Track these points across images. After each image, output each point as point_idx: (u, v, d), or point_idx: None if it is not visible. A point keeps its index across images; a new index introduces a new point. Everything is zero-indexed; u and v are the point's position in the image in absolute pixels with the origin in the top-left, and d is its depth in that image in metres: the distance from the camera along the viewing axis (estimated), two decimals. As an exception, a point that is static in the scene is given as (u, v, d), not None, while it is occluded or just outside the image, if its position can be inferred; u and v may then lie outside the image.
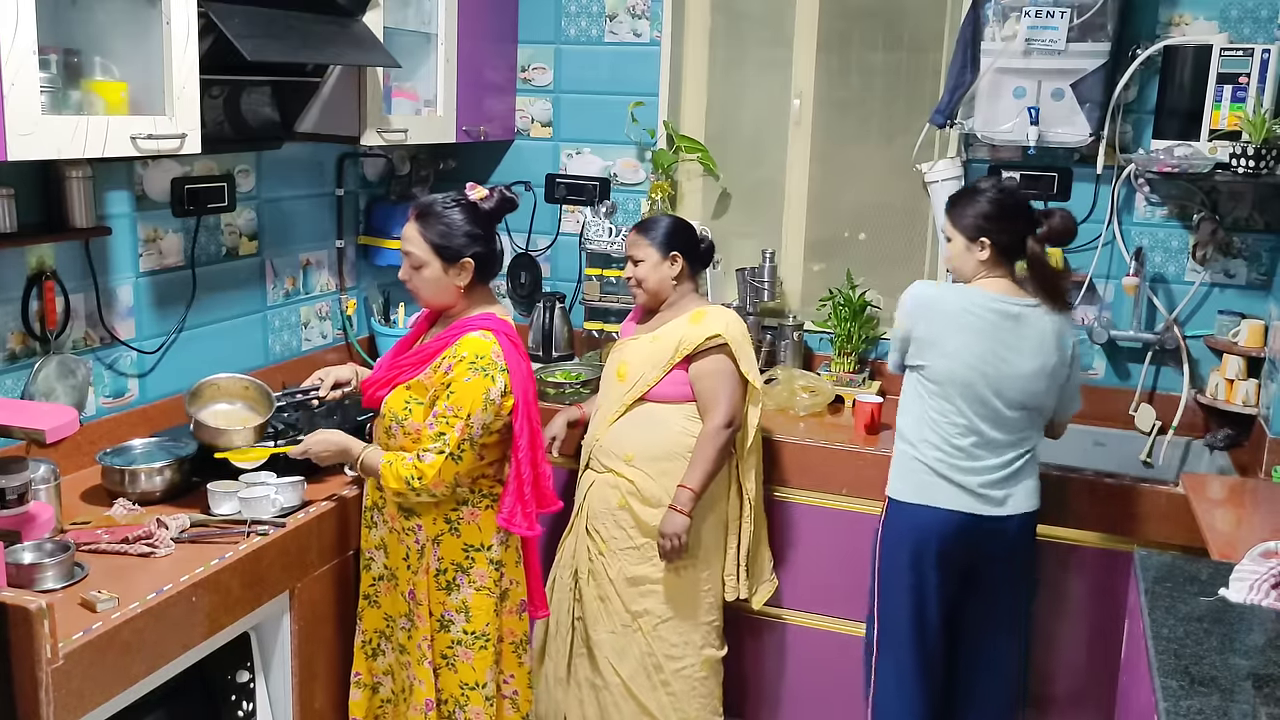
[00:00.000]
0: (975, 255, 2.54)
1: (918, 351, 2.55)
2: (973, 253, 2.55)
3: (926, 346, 2.53)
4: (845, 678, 3.11)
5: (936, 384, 2.53)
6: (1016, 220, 2.53)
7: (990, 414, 2.49)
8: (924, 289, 2.61)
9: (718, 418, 2.70)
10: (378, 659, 2.50)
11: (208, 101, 2.59)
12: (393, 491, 2.30)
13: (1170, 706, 1.61)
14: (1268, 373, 2.98)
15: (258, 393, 2.60)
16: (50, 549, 2.06)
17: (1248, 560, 2.01)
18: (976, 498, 2.51)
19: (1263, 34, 3.01)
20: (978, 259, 2.54)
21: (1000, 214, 2.53)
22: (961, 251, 2.57)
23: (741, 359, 2.74)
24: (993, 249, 2.52)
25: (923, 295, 2.59)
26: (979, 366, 2.48)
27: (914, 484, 2.56)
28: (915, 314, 2.56)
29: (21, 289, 2.42)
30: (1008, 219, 2.53)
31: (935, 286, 2.65)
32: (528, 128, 3.78)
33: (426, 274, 2.34)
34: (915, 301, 2.58)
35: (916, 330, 2.55)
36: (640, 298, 2.84)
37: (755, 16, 3.63)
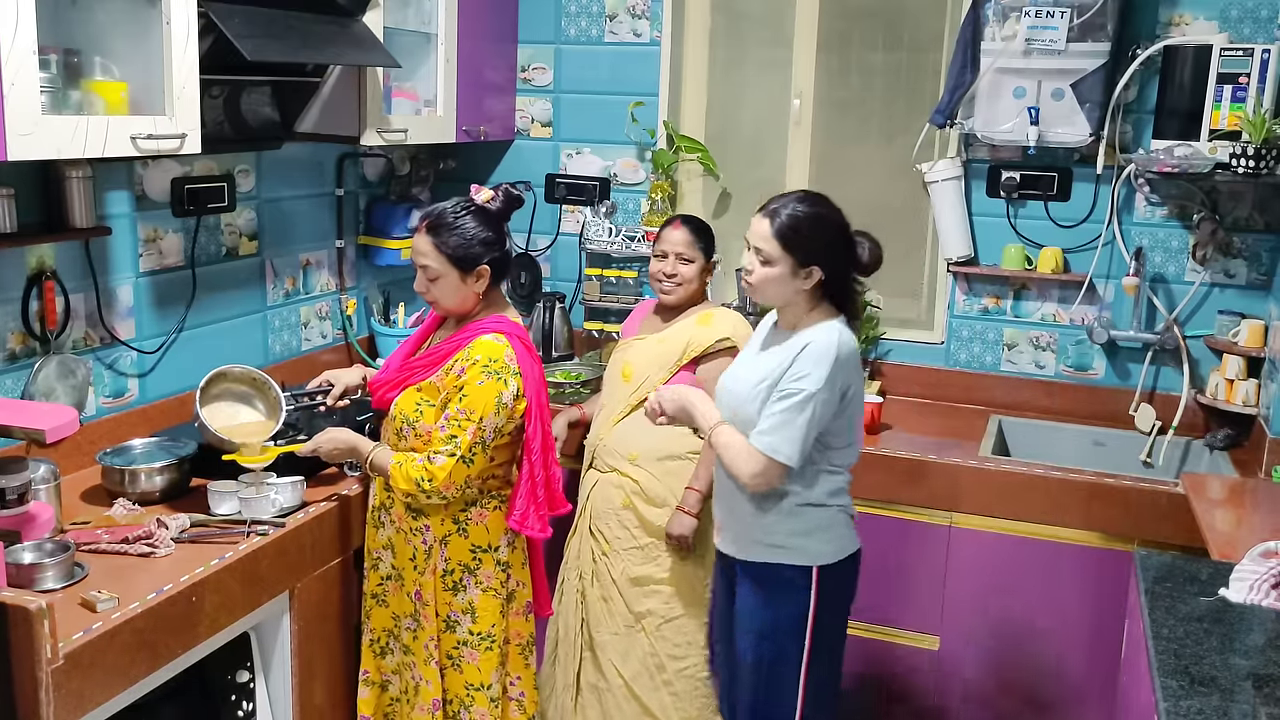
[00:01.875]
0: (799, 283, 2.20)
1: (844, 407, 2.22)
2: (797, 279, 2.20)
3: (855, 398, 2.26)
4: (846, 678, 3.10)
5: (846, 434, 2.27)
6: (848, 246, 2.24)
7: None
8: (849, 336, 2.24)
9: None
10: (386, 657, 2.51)
11: (208, 101, 2.59)
12: (402, 492, 2.30)
13: (1170, 706, 1.61)
14: (1268, 373, 2.98)
15: (268, 389, 2.60)
16: (50, 549, 2.06)
17: (1248, 560, 2.01)
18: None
19: (1263, 34, 3.02)
20: (798, 287, 2.21)
21: (840, 240, 2.23)
22: (784, 276, 2.20)
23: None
24: (821, 279, 2.20)
25: (851, 342, 2.24)
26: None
27: (839, 537, 2.30)
28: (849, 364, 2.22)
29: (21, 289, 2.42)
30: (843, 246, 2.23)
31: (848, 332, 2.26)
32: (528, 128, 3.78)
33: (445, 285, 2.33)
34: (849, 350, 2.22)
35: (854, 384, 2.23)
36: (672, 296, 2.82)
37: (755, 16, 3.63)
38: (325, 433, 2.43)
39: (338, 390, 2.56)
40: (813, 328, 2.22)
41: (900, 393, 3.50)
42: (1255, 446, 2.98)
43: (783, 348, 2.23)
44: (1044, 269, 3.29)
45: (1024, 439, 3.30)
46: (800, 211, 2.19)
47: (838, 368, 2.16)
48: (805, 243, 2.18)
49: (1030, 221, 3.34)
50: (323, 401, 2.56)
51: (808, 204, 2.21)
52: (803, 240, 2.17)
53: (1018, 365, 3.42)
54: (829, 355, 2.16)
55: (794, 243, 2.17)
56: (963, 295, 3.45)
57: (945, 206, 3.34)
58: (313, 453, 2.42)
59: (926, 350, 3.50)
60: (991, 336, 3.43)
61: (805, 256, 2.18)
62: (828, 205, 2.24)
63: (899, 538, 2.98)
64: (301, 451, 2.42)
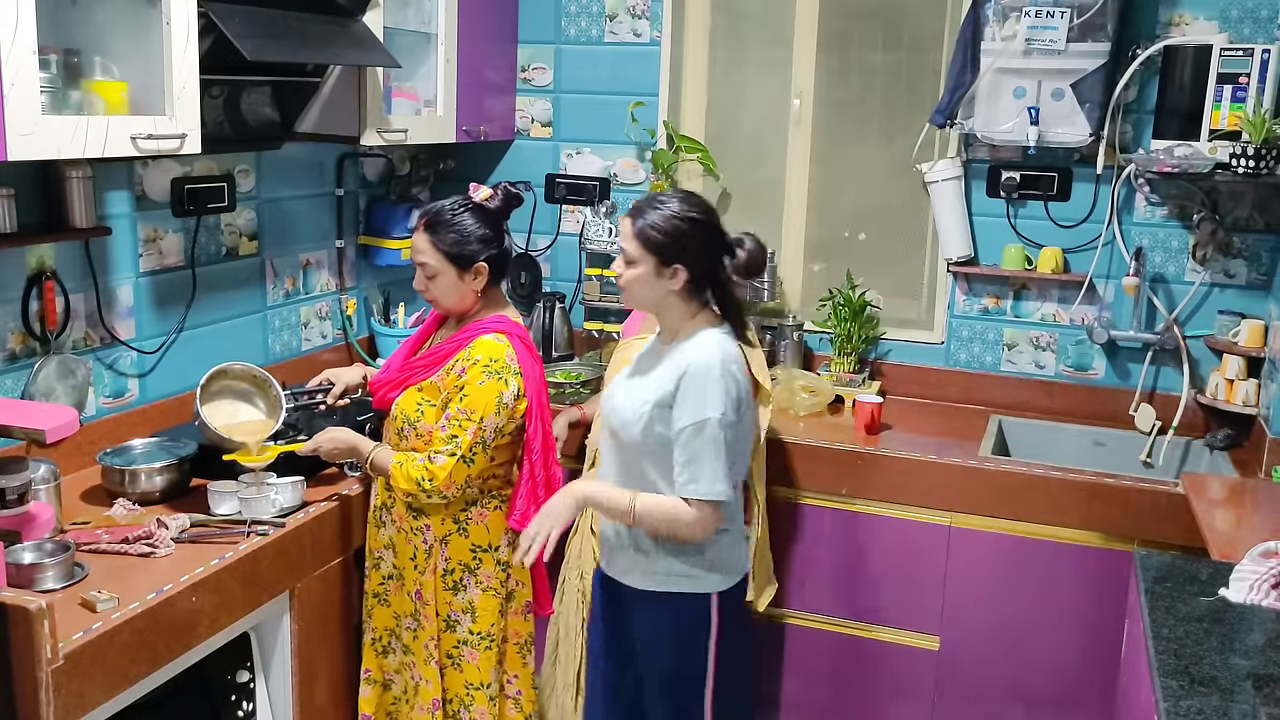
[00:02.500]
0: (665, 284, 2.14)
1: (741, 416, 2.15)
2: (663, 279, 2.13)
3: (748, 410, 2.19)
4: (845, 678, 3.11)
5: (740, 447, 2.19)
6: (717, 246, 2.17)
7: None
8: (728, 345, 2.15)
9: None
10: (388, 656, 2.51)
11: (208, 101, 2.59)
12: (403, 492, 2.31)
13: (1170, 707, 1.61)
14: (1268, 373, 2.98)
15: (268, 386, 2.59)
16: (50, 549, 2.06)
17: (1248, 560, 2.01)
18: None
19: (1263, 34, 3.02)
20: (665, 288, 2.15)
21: (707, 238, 2.15)
22: (648, 277, 2.14)
23: (752, 360, 2.74)
24: (687, 279, 2.14)
25: (731, 351, 2.15)
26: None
27: (736, 559, 2.25)
28: (736, 374, 2.13)
29: (21, 289, 2.42)
30: (711, 243, 2.16)
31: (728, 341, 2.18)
32: (528, 128, 3.78)
33: (443, 282, 2.34)
34: (732, 360, 2.14)
35: (744, 396, 2.15)
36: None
37: (755, 16, 3.63)
38: (325, 432, 2.43)
39: (338, 389, 2.57)
40: (691, 339, 2.15)
41: (900, 393, 3.50)
42: (1255, 446, 2.98)
43: (664, 365, 2.16)
44: (1044, 269, 3.29)
45: (1024, 439, 3.30)
46: (662, 210, 2.12)
47: (729, 382, 2.09)
48: (667, 241, 2.10)
49: (1030, 221, 3.34)
50: (323, 400, 2.56)
51: (672, 203, 2.14)
52: (664, 239, 2.10)
53: (1018, 365, 3.42)
54: (713, 373, 2.08)
55: (655, 242, 2.11)
56: (963, 295, 3.45)
57: (945, 206, 3.34)
58: (313, 452, 2.42)
59: (926, 350, 3.51)
60: (991, 336, 3.43)
61: (668, 255, 2.11)
62: (694, 202, 2.16)
63: (899, 538, 2.98)
64: (302, 451, 2.42)
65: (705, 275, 2.15)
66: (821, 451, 3.02)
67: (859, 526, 3.02)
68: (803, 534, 3.07)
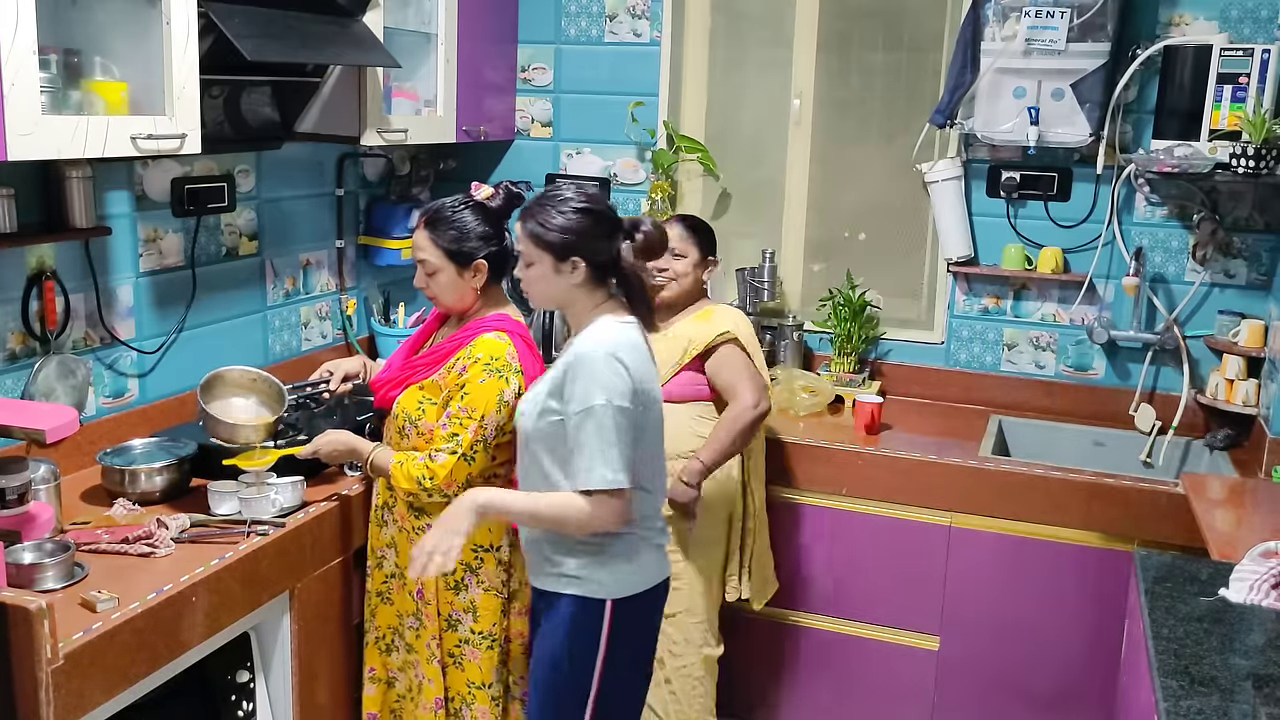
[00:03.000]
0: (566, 279, 2.10)
1: (643, 410, 2.07)
2: (563, 275, 2.09)
3: (652, 401, 2.11)
4: (845, 678, 3.11)
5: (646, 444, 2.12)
6: (612, 232, 2.12)
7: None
8: (624, 331, 2.09)
9: (745, 398, 2.68)
10: (391, 655, 2.51)
11: (208, 101, 2.59)
12: (404, 491, 2.31)
13: (1170, 707, 1.61)
14: (1268, 373, 2.98)
15: (267, 386, 2.59)
16: (50, 549, 2.06)
17: (1248, 560, 2.01)
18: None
19: (1263, 34, 3.01)
20: (569, 283, 2.10)
21: (596, 226, 2.10)
22: (548, 274, 2.11)
23: (753, 355, 2.76)
24: (588, 270, 2.10)
25: (626, 336, 2.08)
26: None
27: (641, 568, 2.13)
28: (632, 360, 2.05)
29: (21, 289, 2.42)
30: (604, 232, 2.11)
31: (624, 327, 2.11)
32: (528, 128, 3.78)
33: (442, 279, 2.34)
34: (627, 345, 2.06)
35: (648, 383, 2.09)
36: (669, 291, 2.82)
37: (755, 16, 3.63)
38: (324, 435, 2.43)
39: (338, 375, 2.57)
40: (588, 328, 2.11)
41: (900, 393, 3.50)
42: (1255, 446, 2.98)
43: (563, 356, 2.12)
44: (1044, 269, 3.29)
45: (1024, 439, 3.30)
46: (550, 206, 2.10)
47: (617, 368, 2.01)
48: (559, 236, 2.07)
49: (1030, 221, 3.34)
50: (326, 389, 2.56)
51: (559, 198, 2.11)
52: (555, 234, 2.07)
53: (1018, 365, 3.42)
54: (597, 359, 2.01)
55: (546, 239, 2.08)
56: (963, 295, 3.45)
57: (945, 206, 3.34)
58: (312, 455, 2.42)
59: (926, 350, 3.51)
60: (991, 336, 3.43)
61: (562, 250, 2.07)
62: (582, 194, 2.13)
63: (899, 538, 2.98)
64: (301, 454, 2.42)
65: (605, 264, 2.11)
66: (821, 451, 3.02)
67: (859, 526, 3.02)
68: (803, 534, 3.07)
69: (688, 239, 2.80)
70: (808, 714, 3.17)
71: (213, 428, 2.43)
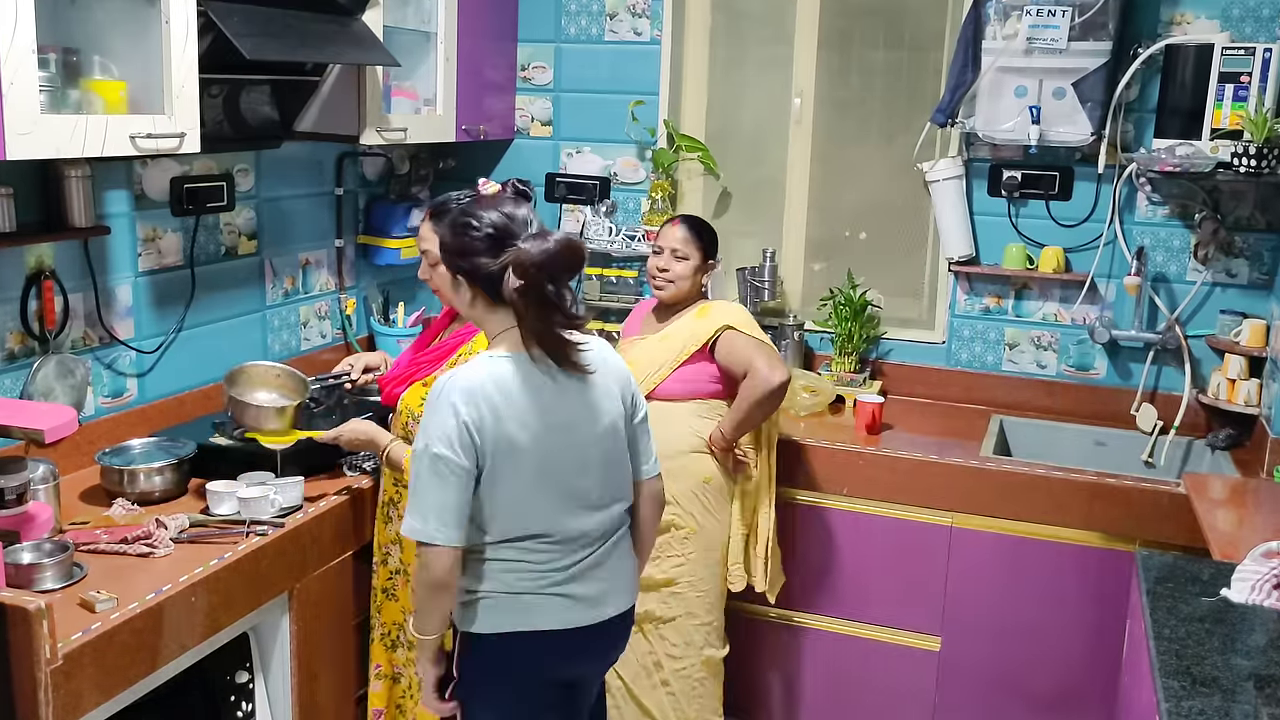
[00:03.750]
0: (459, 295, 1.98)
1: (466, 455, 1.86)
2: (459, 291, 1.97)
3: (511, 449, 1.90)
4: (846, 678, 3.11)
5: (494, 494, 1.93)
6: (492, 248, 1.89)
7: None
8: (482, 366, 1.90)
9: (760, 369, 2.63)
10: (397, 651, 2.52)
11: (207, 100, 2.58)
12: None
13: (1172, 707, 1.60)
14: (1269, 372, 2.97)
15: (290, 380, 2.60)
16: (49, 549, 2.05)
17: (1249, 560, 2.01)
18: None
19: (1264, 33, 3.01)
20: (463, 297, 1.97)
21: (472, 241, 1.91)
22: (446, 287, 2.04)
23: (757, 338, 2.75)
24: (475, 289, 1.94)
25: (481, 370, 1.89)
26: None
27: (497, 611, 1.96)
28: (468, 395, 1.86)
29: (20, 288, 2.41)
30: (478, 247, 1.90)
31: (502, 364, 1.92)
32: (528, 127, 3.77)
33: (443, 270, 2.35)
34: (474, 380, 1.87)
35: (485, 419, 1.86)
36: (665, 292, 2.82)
37: (756, 15, 3.62)
38: (348, 423, 2.44)
39: (358, 367, 2.65)
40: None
41: (901, 393, 3.49)
42: (1257, 446, 2.97)
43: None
44: (1045, 268, 3.29)
45: (1025, 439, 3.29)
46: (449, 214, 1.98)
47: (445, 412, 1.84)
48: (448, 246, 1.95)
49: (1031, 221, 3.33)
50: (348, 379, 2.60)
51: (459, 205, 2.03)
52: (448, 242, 1.95)
53: (1019, 365, 3.42)
54: (434, 394, 1.87)
55: (442, 245, 1.98)
56: (964, 295, 3.44)
57: (946, 206, 3.34)
58: (334, 440, 2.42)
59: (927, 350, 3.50)
60: (993, 336, 3.43)
61: (451, 263, 1.94)
62: (475, 205, 1.96)
63: (900, 538, 2.98)
64: (322, 438, 2.43)
65: (485, 285, 1.90)
66: (822, 451, 3.01)
67: (859, 526, 3.01)
68: (803, 534, 3.06)
69: (691, 242, 2.79)
70: (808, 714, 3.16)
71: (239, 412, 2.43)
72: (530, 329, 1.87)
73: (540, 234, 1.87)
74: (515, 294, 1.85)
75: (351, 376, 2.62)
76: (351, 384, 2.62)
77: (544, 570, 1.94)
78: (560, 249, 1.83)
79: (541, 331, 1.87)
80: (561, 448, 1.92)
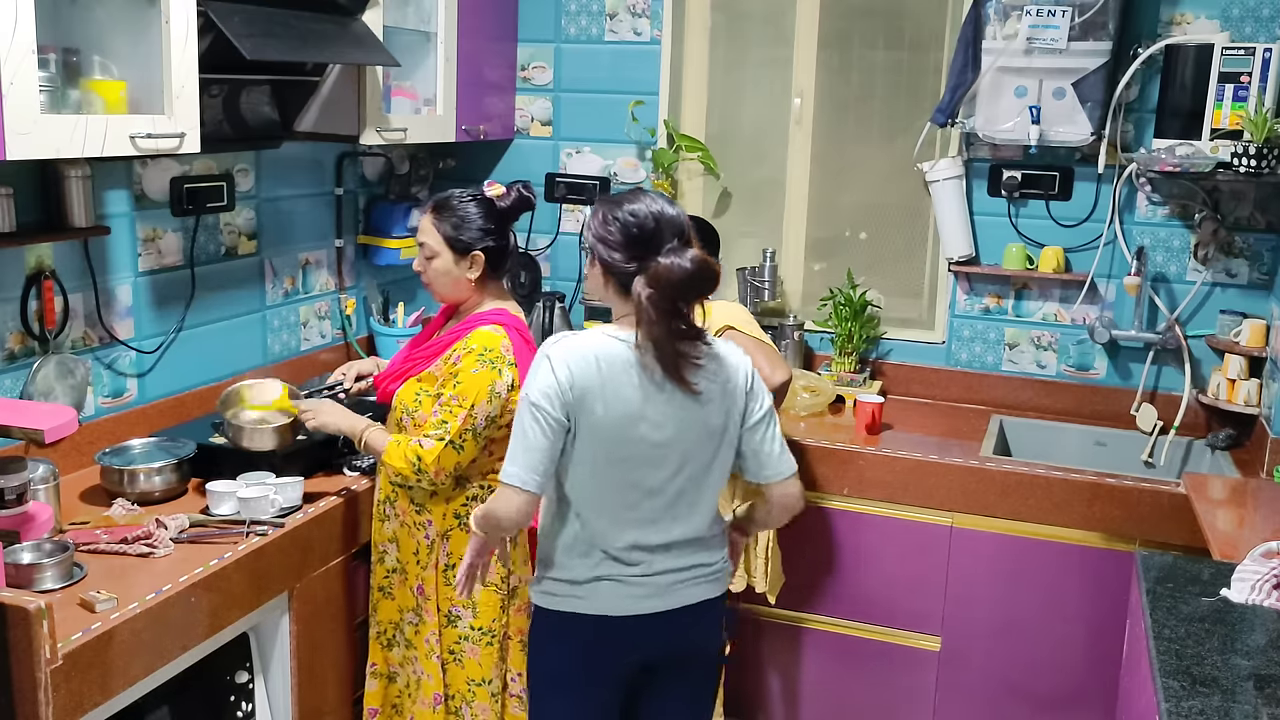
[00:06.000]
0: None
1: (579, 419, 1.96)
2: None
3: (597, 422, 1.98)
4: (847, 678, 3.11)
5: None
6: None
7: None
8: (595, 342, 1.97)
9: (762, 368, 2.55)
10: (393, 650, 2.52)
11: (207, 100, 2.58)
12: (394, 471, 2.33)
13: (1172, 707, 1.60)
14: (1269, 372, 2.97)
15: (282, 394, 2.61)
16: (49, 549, 2.05)
17: (1249, 560, 2.01)
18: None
19: (1264, 33, 3.01)
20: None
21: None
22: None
23: (756, 337, 2.74)
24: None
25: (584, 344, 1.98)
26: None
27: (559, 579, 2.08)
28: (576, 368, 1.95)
29: (20, 288, 2.41)
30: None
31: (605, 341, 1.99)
32: (527, 127, 3.77)
33: (438, 265, 2.38)
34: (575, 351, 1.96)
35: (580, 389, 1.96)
36: None
37: (756, 15, 3.62)
38: (324, 404, 2.46)
39: (351, 375, 2.64)
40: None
41: (901, 393, 3.49)
42: (1257, 446, 2.97)
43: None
44: (1045, 268, 3.29)
45: (1025, 439, 3.29)
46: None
47: (548, 360, 1.96)
48: (593, 229, 2.00)
49: (1031, 221, 3.33)
50: (342, 389, 2.61)
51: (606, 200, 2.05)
52: (594, 228, 2.01)
53: (1019, 365, 3.42)
54: (544, 349, 2.00)
55: (590, 227, 2.03)
56: (964, 295, 3.44)
57: (946, 206, 3.34)
58: (309, 416, 2.42)
59: (927, 350, 3.50)
60: (993, 336, 3.43)
61: (591, 245, 2.01)
62: (630, 194, 2.04)
63: (900, 538, 2.98)
64: (300, 410, 2.43)
65: (618, 277, 1.97)
66: (822, 451, 3.01)
67: (859, 526, 3.01)
68: (803, 534, 3.06)
69: (693, 239, 2.79)
70: (808, 714, 3.16)
71: (235, 435, 2.45)
72: (648, 333, 1.91)
73: (679, 249, 1.91)
74: (643, 299, 1.89)
75: (345, 386, 2.62)
76: (345, 394, 2.62)
77: (593, 547, 1.98)
78: (694, 271, 1.89)
79: (658, 339, 1.90)
80: (634, 442, 1.94)
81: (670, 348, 1.90)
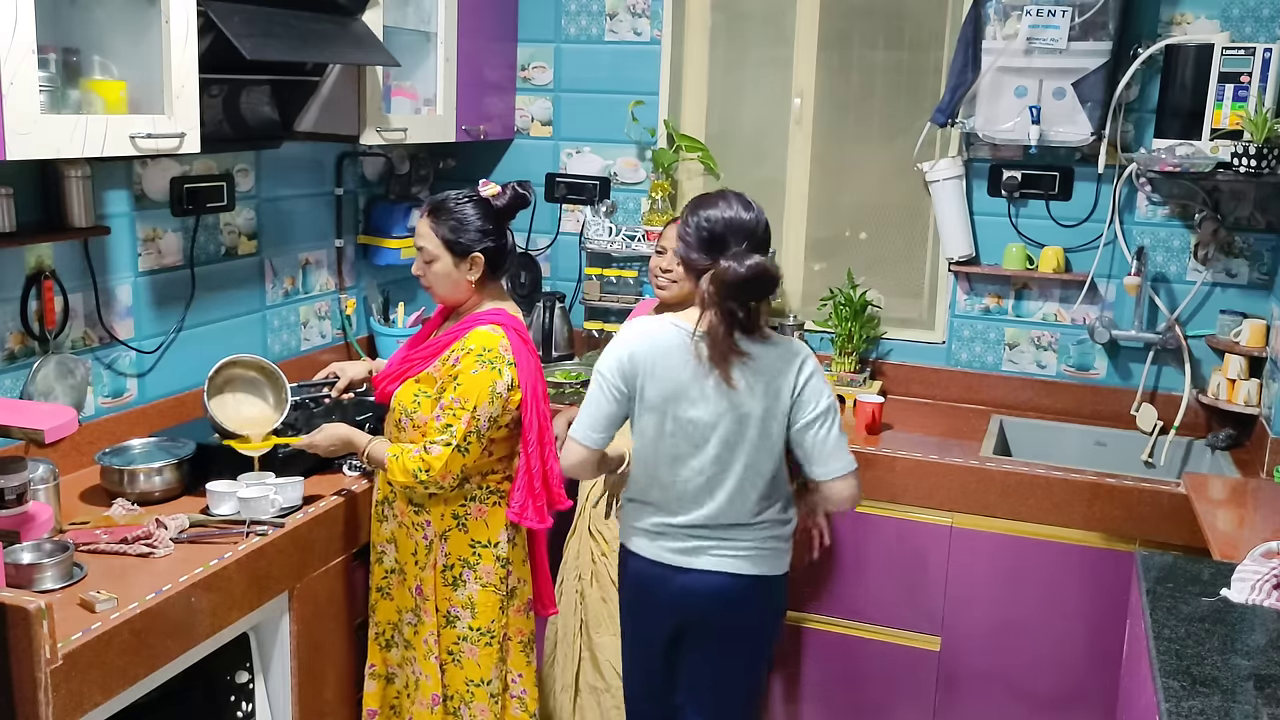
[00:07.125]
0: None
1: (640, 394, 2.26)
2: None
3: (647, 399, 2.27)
4: (846, 678, 3.10)
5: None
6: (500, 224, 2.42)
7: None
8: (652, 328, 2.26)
9: None
10: (391, 650, 2.52)
11: (207, 100, 2.58)
12: (400, 484, 2.32)
13: (1172, 707, 1.60)
14: (1269, 372, 2.97)
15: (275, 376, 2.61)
16: (49, 549, 2.05)
17: (1249, 560, 2.01)
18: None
19: (1264, 33, 3.01)
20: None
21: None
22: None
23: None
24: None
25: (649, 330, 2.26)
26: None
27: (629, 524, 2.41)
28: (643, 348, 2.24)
29: (20, 288, 2.41)
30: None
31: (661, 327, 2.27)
32: (528, 127, 3.77)
33: (438, 268, 2.37)
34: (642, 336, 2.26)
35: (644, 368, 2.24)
36: (666, 291, 2.81)
37: (756, 15, 3.62)
38: (320, 429, 2.43)
39: (342, 382, 2.63)
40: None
41: (901, 393, 3.49)
42: (1257, 446, 2.97)
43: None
44: (1045, 268, 3.29)
45: (1025, 439, 3.29)
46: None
47: (619, 339, 2.28)
48: (680, 229, 2.27)
49: (1031, 221, 3.33)
50: (328, 394, 2.59)
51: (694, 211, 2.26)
52: (680, 229, 2.27)
53: (1019, 365, 3.42)
54: (622, 330, 2.33)
55: (677, 222, 2.34)
56: (964, 295, 3.44)
57: (946, 206, 3.34)
58: (308, 448, 2.42)
59: (927, 350, 3.50)
60: (993, 336, 3.43)
61: (678, 241, 2.27)
62: (711, 197, 2.27)
63: (900, 538, 2.98)
64: (296, 444, 2.43)
65: (692, 272, 2.23)
66: (822, 451, 3.00)
67: (860, 526, 3.01)
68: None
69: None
70: (808, 714, 3.16)
71: (215, 425, 2.44)
72: (705, 324, 2.15)
73: (743, 253, 2.11)
74: (706, 295, 2.13)
75: (330, 394, 2.61)
76: (329, 399, 2.61)
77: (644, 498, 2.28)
78: (749, 276, 2.09)
79: (712, 331, 2.14)
80: (676, 418, 2.18)
81: (722, 341, 2.12)
